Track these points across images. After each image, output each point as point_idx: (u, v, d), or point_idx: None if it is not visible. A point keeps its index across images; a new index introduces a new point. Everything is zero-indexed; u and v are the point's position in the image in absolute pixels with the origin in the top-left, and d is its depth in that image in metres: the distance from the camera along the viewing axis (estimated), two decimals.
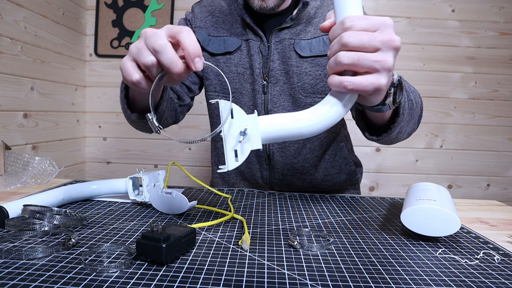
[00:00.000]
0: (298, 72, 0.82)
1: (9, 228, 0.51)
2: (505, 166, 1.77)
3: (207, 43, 0.86)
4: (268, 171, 0.90)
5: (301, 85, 0.83)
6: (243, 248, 0.48)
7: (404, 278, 0.41)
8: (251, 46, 0.83)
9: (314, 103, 0.84)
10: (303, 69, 0.82)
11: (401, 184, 1.78)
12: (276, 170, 0.89)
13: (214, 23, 0.87)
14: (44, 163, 0.89)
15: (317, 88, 0.84)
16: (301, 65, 0.82)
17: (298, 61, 0.82)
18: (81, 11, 1.66)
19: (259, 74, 0.83)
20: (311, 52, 0.81)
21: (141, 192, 0.71)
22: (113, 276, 0.39)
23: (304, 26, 0.83)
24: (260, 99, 0.84)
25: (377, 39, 0.42)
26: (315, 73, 0.83)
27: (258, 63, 0.83)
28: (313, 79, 0.83)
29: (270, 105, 0.84)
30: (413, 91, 0.66)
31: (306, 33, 0.83)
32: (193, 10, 0.91)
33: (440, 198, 0.56)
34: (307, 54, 0.81)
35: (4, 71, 1.19)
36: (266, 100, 0.84)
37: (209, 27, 0.87)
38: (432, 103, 1.72)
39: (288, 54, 0.82)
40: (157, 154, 1.77)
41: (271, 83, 0.83)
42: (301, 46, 0.82)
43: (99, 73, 1.73)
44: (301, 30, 0.83)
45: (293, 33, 0.82)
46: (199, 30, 0.87)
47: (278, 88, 0.83)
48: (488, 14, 1.68)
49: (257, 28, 0.82)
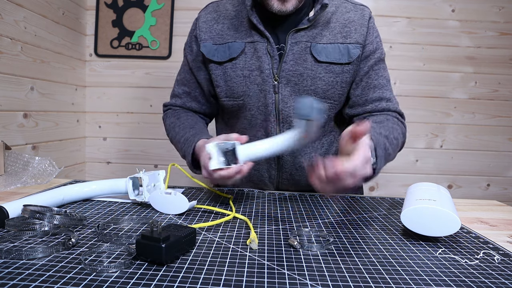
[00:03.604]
0: (312, 76, 0.82)
1: (9, 228, 0.51)
2: (505, 166, 1.77)
3: (212, 53, 0.87)
4: (276, 171, 0.90)
5: (313, 89, 0.83)
6: (251, 247, 0.48)
7: (404, 278, 0.41)
8: (258, 48, 0.83)
9: (324, 108, 0.85)
10: (317, 73, 0.82)
11: (401, 184, 1.78)
12: (285, 170, 0.90)
13: (219, 30, 0.88)
14: (44, 163, 0.89)
15: (328, 94, 0.84)
16: (316, 69, 0.82)
17: (313, 65, 0.82)
18: (81, 11, 1.66)
19: (269, 74, 0.83)
20: (327, 58, 0.82)
21: (141, 192, 0.71)
22: (113, 276, 0.39)
23: (321, 29, 0.83)
24: (271, 99, 0.84)
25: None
26: (328, 79, 0.83)
27: (267, 64, 0.83)
28: (326, 84, 0.83)
29: (281, 105, 0.84)
30: (395, 139, 0.76)
31: (322, 37, 0.82)
32: (198, 20, 0.91)
33: (440, 198, 0.56)
34: (323, 59, 0.81)
35: (4, 71, 1.19)
36: (277, 100, 0.84)
37: (214, 36, 0.88)
38: (432, 103, 1.72)
39: (304, 57, 0.82)
40: (157, 154, 1.77)
41: (282, 83, 0.83)
42: (317, 50, 0.81)
43: (99, 73, 1.73)
44: (318, 33, 0.82)
45: (309, 36, 0.82)
46: (204, 43, 0.88)
47: (289, 88, 0.83)
48: (488, 14, 1.68)
49: (264, 30, 0.82)
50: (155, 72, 1.71)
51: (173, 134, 0.90)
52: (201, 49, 0.88)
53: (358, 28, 0.83)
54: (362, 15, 0.85)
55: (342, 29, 0.83)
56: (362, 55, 0.84)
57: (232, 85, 0.86)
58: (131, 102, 1.74)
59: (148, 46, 1.68)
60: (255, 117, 0.87)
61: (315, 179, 0.58)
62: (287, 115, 0.84)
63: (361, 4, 0.87)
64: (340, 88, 0.84)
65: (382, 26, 1.67)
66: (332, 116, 0.89)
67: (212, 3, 0.93)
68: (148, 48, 1.68)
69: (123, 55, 1.70)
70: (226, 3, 0.91)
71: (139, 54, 1.69)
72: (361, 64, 0.85)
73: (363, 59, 0.85)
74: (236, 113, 0.90)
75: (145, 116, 1.74)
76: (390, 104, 0.85)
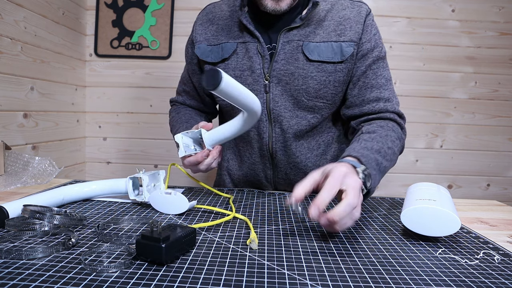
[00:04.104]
0: (303, 75, 0.81)
1: (9, 228, 0.51)
2: (505, 166, 1.77)
3: (206, 54, 0.88)
4: (272, 170, 0.90)
5: (305, 88, 0.82)
6: (251, 247, 0.48)
7: (404, 278, 0.41)
8: (249, 48, 0.83)
9: (316, 107, 0.84)
10: (309, 72, 0.81)
11: (401, 184, 1.78)
12: (280, 169, 0.90)
13: (214, 31, 0.89)
14: (44, 163, 0.89)
15: (320, 93, 0.83)
16: (308, 68, 0.81)
17: (304, 64, 0.81)
18: (81, 11, 1.66)
19: (260, 74, 0.83)
20: (319, 56, 0.80)
21: (141, 192, 0.71)
22: (113, 276, 0.39)
23: (314, 28, 0.82)
24: (262, 98, 0.84)
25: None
26: (320, 78, 0.81)
27: (258, 64, 0.83)
28: (318, 84, 0.82)
29: (272, 104, 0.84)
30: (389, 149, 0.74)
31: (315, 36, 0.81)
32: (196, 23, 0.93)
33: (440, 198, 0.56)
34: (315, 58, 0.80)
35: (4, 71, 1.19)
36: (268, 100, 0.84)
37: (210, 37, 0.89)
38: (432, 103, 1.72)
39: (296, 56, 0.81)
40: (157, 154, 1.77)
41: (273, 82, 0.83)
42: (309, 49, 0.80)
43: (99, 73, 1.73)
44: (310, 32, 0.81)
45: (302, 35, 0.81)
46: (199, 45, 0.89)
47: (280, 88, 0.83)
48: (488, 14, 1.68)
49: (254, 30, 0.81)
50: (155, 72, 1.71)
51: (171, 128, 0.95)
52: (195, 51, 0.90)
53: (353, 26, 0.81)
54: (358, 12, 0.82)
55: (337, 27, 0.81)
56: (358, 54, 0.81)
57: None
58: (131, 102, 1.74)
59: (148, 46, 1.68)
60: None
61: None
62: (278, 114, 0.84)
63: (359, 1, 0.84)
64: (333, 88, 0.82)
65: (382, 26, 1.67)
66: (326, 116, 0.87)
67: (210, 4, 0.95)
68: (148, 48, 1.68)
69: (123, 55, 1.70)
70: (222, 4, 0.92)
71: (139, 54, 1.69)
72: (358, 63, 0.82)
73: (360, 58, 0.82)
74: (230, 113, 0.92)
75: (145, 116, 1.74)
76: (388, 105, 0.82)
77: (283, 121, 0.84)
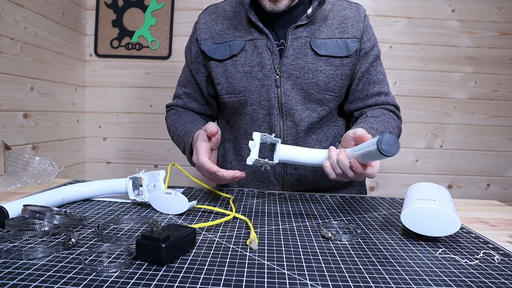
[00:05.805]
0: (313, 69, 0.86)
1: (9, 228, 0.51)
2: (505, 166, 1.77)
3: (213, 51, 0.89)
4: (281, 165, 0.92)
5: (315, 82, 0.86)
6: (251, 247, 0.48)
7: (404, 278, 0.41)
8: (258, 44, 0.86)
9: (325, 100, 0.89)
10: (318, 66, 0.86)
11: (401, 184, 1.78)
12: (290, 164, 0.91)
13: (219, 31, 0.91)
14: (44, 163, 0.89)
15: (329, 86, 0.87)
16: (317, 62, 0.86)
17: (313, 58, 0.86)
18: (81, 11, 1.66)
19: (270, 69, 0.86)
20: (327, 51, 0.85)
21: (141, 192, 0.71)
22: (113, 276, 0.39)
23: (319, 25, 0.87)
24: (273, 93, 0.87)
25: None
26: (329, 72, 0.86)
27: (268, 60, 0.86)
28: (327, 77, 0.86)
29: (283, 98, 0.87)
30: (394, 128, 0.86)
31: (320, 33, 0.86)
32: (198, 23, 0.94)
33: (440, 198, 0.56)
34: (323, 53, 0.85)
35: (4, 71, 1.19)
36: (279, 94, 0.87)
37: (215, 36, 0.91)
38: (432, 103, 1.72)
39: (304, 51, 0.86)
40: (157, 154, 1.77)
41: (283, 77, 0.86)
42: (317, 45, 0.85)
43: (99, 73, 1.73)
44: (316, 29, 0.86)
45: (309, 31, 0.86)
46: (204, 42, 0.91)
47: (291, 82, 0.86)
48: (488, 14, 1.68)
49: (263, 27, 0.85)
50: (155, 72, 1.71)
51: (173, 130, 0.93)
52: (202, 47, 0.91)
53: (354, 24, 0.88)
54: (357, 12, 0.89)
55: (339, 25, 0.87)
56: (361, 51, 0.88)
57: (233, 82, 0.89)
58: (131, 102, 1.74)
59: (148, 46, 1.68)
60: (257, 112, 0.89)
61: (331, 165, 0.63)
62: (290, 108, 0.87)
63: (355, 3, 0.92)
64: (340, 81, 0.88)
65: (382, 26, 1.68)
66: (333, 108, 0.92)
67: (211, 5, 0.96)
68: (148, 48, 1.68)
69: (123, 55, 1.70)
70: (224, 5, 0.94)
71: (139, 54, 1.69)
72: (362, 60, 0.89)
73: (363, 56, 0.89)
74: (237, 110, 0.92)
75: (145, 116, 1.74)
76: (388, 98, 0.91)
77: (295, 114, 0.88)
